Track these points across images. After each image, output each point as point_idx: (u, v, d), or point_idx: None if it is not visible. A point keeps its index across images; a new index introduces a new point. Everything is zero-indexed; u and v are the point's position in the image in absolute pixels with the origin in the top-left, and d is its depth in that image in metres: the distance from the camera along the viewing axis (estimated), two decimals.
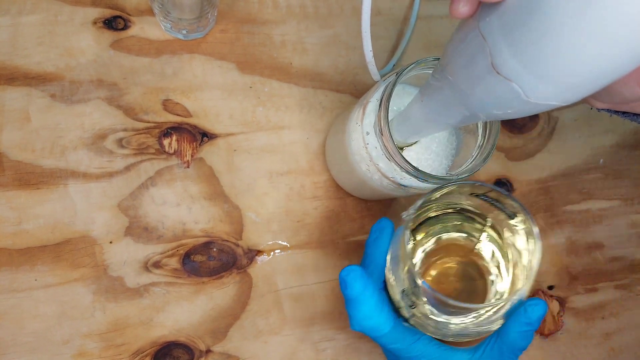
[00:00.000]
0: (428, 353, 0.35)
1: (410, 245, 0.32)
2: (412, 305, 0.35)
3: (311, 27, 0.48)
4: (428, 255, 0.39)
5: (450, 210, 0.38)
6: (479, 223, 0.37)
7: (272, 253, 0.46)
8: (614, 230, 0.52)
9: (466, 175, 0.35)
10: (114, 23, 0.45)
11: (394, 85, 0.34)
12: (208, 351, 0.44)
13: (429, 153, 0.39)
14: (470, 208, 0.37)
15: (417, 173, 0.34)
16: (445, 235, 0.39)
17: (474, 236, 0.38)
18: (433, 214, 0.38)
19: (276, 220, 0.46)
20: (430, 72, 0.35)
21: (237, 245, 0.46)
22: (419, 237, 0.38)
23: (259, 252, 0.46)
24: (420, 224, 0.38)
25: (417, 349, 0.35)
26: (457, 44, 0.27)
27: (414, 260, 0.38)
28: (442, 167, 0.39)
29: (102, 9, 0.45)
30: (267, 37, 0.47)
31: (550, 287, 0.51)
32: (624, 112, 0.36)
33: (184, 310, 0.44)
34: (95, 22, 0.45)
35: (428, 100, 0.32)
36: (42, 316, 0.42)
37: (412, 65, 0.34)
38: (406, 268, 0.33)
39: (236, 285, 0.45)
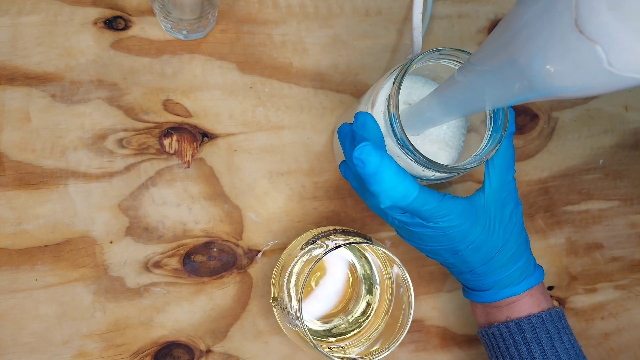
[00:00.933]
0: (454, 207, 0.36)
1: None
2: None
3: (311, 27, 0.48)
4: None
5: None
6: None
7: (272, 253, 0.46)
8: (613, 230, 0.52)
9: (477, 164, 0.36)
10: (115, 23, 0.45)
11: (405, 73, 0.34)
12: (208, 351, 0.44)
13: (437, 144, 0.39)
14: None
15: (427, 162, 0.34)
16: None
17: None
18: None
19: (276, 220, 0.46)
20: (443, 62, 0.35)
21: (238, 246, 0.46)
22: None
23: (259, 252, 0.46)
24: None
25: (445, 206, 0.35)
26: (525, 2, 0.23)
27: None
28: (450, 158, 0.40)
29: (102, 9, 0.45)
30: (268, 37, 0.47)
31: (550, 288, 0.51)
32: None
33: (184, 311, 0.44)
34: (95, 22, 0.45)
35: (469, 81, 0.29)
36: (42, 316, 0.42)
37: (422, 55, 0.34)
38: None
39: (236, 285, 0.45)
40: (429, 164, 0.34)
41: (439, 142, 0.39)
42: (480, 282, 0.40)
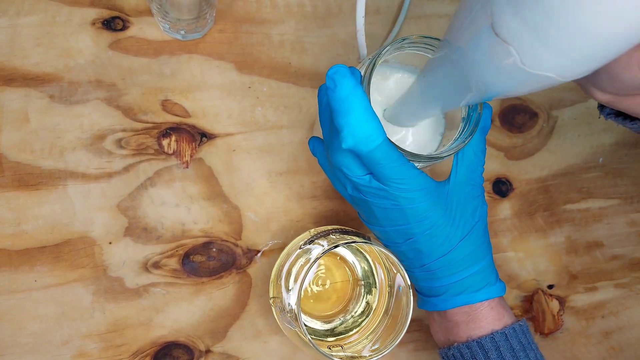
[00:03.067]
0: (416, 177, 0.34)
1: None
2: None
3: (310, 26, 0.48)
4: None
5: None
6: None
7: (271, 253, 0.46)
8: (613, 229, 0.52)
9: (451, 153, 0.35)
10: (113, 24, 0.45)
11: (375, 65, 0.33)
12: (208, 351, 0.44)
13: (416, 135, 0.39)
14: None
15: (402, 151, 0.33)
16: None
17: None
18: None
19: (275, 220, 0.46)
20: (413, 50, 0.35)
21: (237, 245, 0.46)
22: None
23: (258, 252, 0.46)
24: None
25: (407, 171, 0.33)
26: (462, 5, 0.26)
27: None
28: (427, 149, 0.39)
29: (100, 9, 0.45)
30: (266, 36, 0.47)
31: (550, 287, 0.51)
32: (623, 117, 0.35)
33: (183, 311, 0.44)
34: (93, 23, 0.45)
35: (429, 77, 0.31)
36: (42, 317, 0.42)
37: (390, 46, 0.33)
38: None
39: (236, 285, 0.45)
40: (404, 153, 0.33)
41: (420, 136, 0.39)
42: (433, 283, 0.37)
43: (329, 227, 0.42)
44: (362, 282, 0.45)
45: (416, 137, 0.39)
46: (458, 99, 0.30)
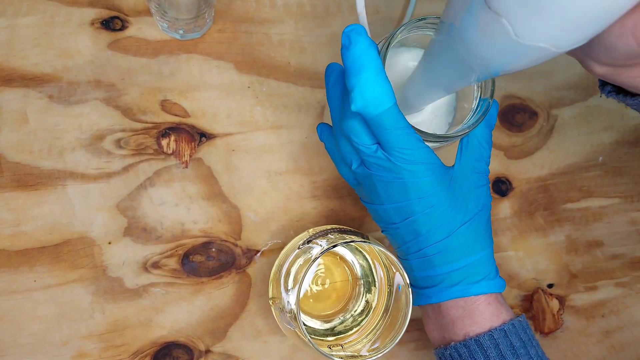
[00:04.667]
0: (422, 149, 0.33)
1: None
2: None
3: (309, 26, 0.48)
4: None
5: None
6: None
7: (271, 253, 0.46)
8: (613, 227, 0.52)
9: (461, 134, 0.35)
10: (112, 23, 0.45)
11: (388, 47, 0.33)
12: (207, 351, 0.44)
13: (427, 116, 0.39)
14: None
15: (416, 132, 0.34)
16: None
17: None
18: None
19: (275, 220, 0.46)
20: (420, 32, 0.35)
21: (236, 245, 0.46)
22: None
23: (258, 251, 0.46)
24: None
25: (414, 141, 0.33)
26: None
27: None
28: (440, 129, 0.40)
29: (99, 9, 0.45)
30: (265, 36, 0.47)
31: (550, 286, 0.51)
32: (624, 94, 0.34)
33: (183, 311, 0.44)
34: (92, 23, 0.45)
35: (431, 57, 0.32)
36: (41, 317, 0.42)
37: (403, 27, 0.34)
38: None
39: (235, 285, 0.45)
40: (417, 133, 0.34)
41: (429, 119, 0.39)
42: (428, 272, 0.36)
43: (328, 227, 0.42)
44: (362, 281, 0.45)
45: (427, 127, 0.39)
46: (461, 78, 0.30)
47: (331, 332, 0.44)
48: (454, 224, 0.35)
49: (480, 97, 0.36)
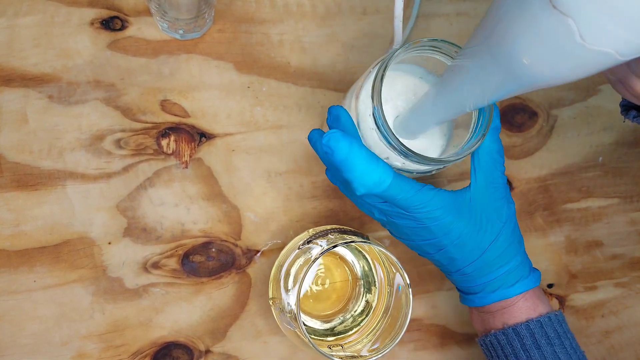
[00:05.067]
0: (433, 198, 0.35)
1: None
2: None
3: (309, 26, 0.48)
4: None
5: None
6: None
7: (271, 253, 0.46)
8: (613, 228, 0.52)
9: (462, 157, 0.35)
10: (111, 24, 0.45)
11: (386, 68, 0.34)
12: (207, 351, 0.44)
13: (425, 139, 0.39)
14: None
15: (415, 156, 0.34)
16: None
17: None
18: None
19: (275, 220, 0.46)
20: (420, 53, 0.35)
21: (236, 246, 0.46)
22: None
23: (258, 252, 0.46)
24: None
25: (423, 196, 0.35)
26: None
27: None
28: (435, 152, 0.40)
29: (99, 9, 0.45)
30: (265, 36, 0.47)
31: (550, 286, 0.51)
32: None
33: (183, 311, 0.44)
34: (92, 23, 0.45)
35: (449, 86, 0.31)
36: (41, 317, 0.42)
37: (402, 48, 0.34)
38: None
39: (235, 286, 0.45)
40: (414, 156, 0.34)
41: (426, 137, 0.39)
42: (469, 283, 0.39)
43: (328, 227, 0.42)
44: (362, 282, 0.45)
45: (421, 138, 0.39)
46: (486, 98, 0.30)
47: (331, 332, 0.44)
48: (484, 244, 0.37)
49: (478, 117, 0.36)
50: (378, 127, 0.34)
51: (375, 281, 0.44)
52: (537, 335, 0.38)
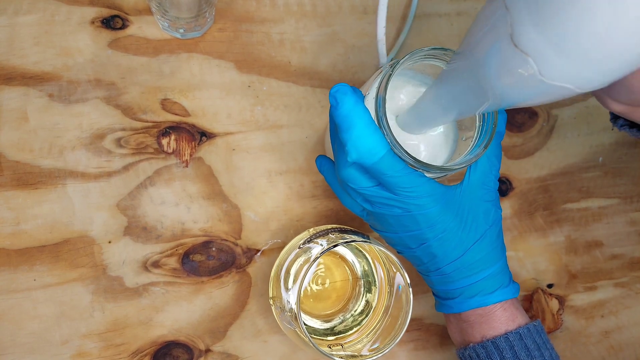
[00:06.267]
0: (423, 184, 0.34)
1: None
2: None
3: (309, 25, 0.48)
4: None
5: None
6: None
7: (271, 252, 0.46)
8: (613, 228, 0.52)
9: (464, 165, 0.35)
10: (112, 22, 0.45)
11: (390, 75, 0.33)
12: (207, 351, 0.44)
13: (429, 143, 0.39)
14: None
15: (416, 162, 0.34)
16: None
17: None
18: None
19: (275, 219, 0.46)
20: (428, 61, 0.35)
21: (236, 245, 0.46)
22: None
23: (258, 251, 0.46)
24: None
25: (414, 179, 0.34)
26: (480, 16, 0.27)
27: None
28: (443, 159, 0.39)
29: (99, 8, 0.45)
30: (266, 35, 0.47)
31: (550, 286, 0.51)
32: (638, 129, 0.36)
33: (183, 310, 0.44)
34: (93, 22, 0.45)
35: (443, 86, 0.32)
36: (41, 316, 0.42)
37: (408, 56, 0.34)
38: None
39: (235, 285, 0.45)
40: (419, 164, 0.34)
41: (433, 145, 0.39)
42: (448, 286, 0.38)
43: (329, 227, 0.42)
44: (362, 281, 0.45)
45: (428, 145, 0.39)
46: (472, 108, 0.31)
47: (331, 331, 0.44)
48: (467, 243, 0.37)
49: (482, 125, 0.36)
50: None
51: (375, 281, 0.44)
52: (516, 347, 0.37)
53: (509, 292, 0.38)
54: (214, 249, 0.45)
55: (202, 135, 0.46)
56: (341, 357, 0.37)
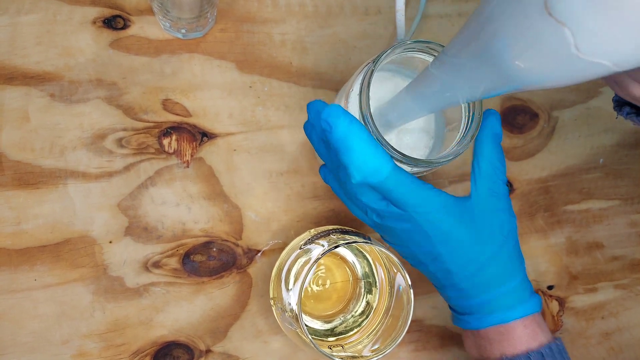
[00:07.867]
0: (433, 198, 0.33)
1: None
2: None
3: (311, 26, 0.48)
4: None
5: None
6: None
7: (272, 253, 0.46)
8: (613, 229, 0.52)
9: (452, 157, 0.34)
10: (114, 22, 0.45)
11: (373, 70, 0.33)
12: (208, 351, 0.44)
13: (411, 137, 0.39)
14: None
15: (403, 158, 0.33)
16: None
17: None
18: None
19: (276, 220, 0.46)
20: (411, 54, 0.34)
21: (237, 245, 0.46)
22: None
23: (259, 251, 0.46)
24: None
25: (423, 193, 0.32)
26: None
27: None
28: (430, 148, 0.39)
29: (101, 8, 0.45)
30: (267, 36, 0.47)
31: (550, 287, 0.51)
32: None
33: (183, 310, 0.44)
34: (94, 22, 0.45)
35: (443, 73, 0.29)
36: (42, 316, 0.42)
37: (390, 50, 0.33)
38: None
39: (236, 285, 0.45)
40: (405, 158, 0.33)
41: (417, 132, 0.38)
42: (464, 302, 0.36)
43: (329, 227, 0.42)
44: (363, 282, 0.45)
45: (406, 138, 0.39)
46: (462, 97, 0.29)
47: (332, 332, 0.44)
48: (483, 257, 0.34)
49: (468, 115, 0.35)
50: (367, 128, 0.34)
51: (376, 282, 0.44)
52: None
53: (530, 307, 0.36)
54: (214, 249, 0.45)
55: (203, 136, 0.46)
56: (342, 358, 0.37)
